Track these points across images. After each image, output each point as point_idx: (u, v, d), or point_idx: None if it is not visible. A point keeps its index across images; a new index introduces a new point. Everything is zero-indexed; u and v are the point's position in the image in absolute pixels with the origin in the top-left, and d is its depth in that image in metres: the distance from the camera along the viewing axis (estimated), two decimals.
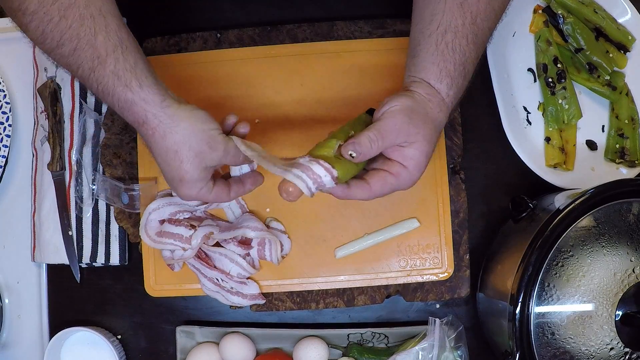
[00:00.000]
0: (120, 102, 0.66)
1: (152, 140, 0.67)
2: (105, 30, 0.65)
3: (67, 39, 0.64)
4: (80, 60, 0.65)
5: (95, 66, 0.65)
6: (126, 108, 0.66)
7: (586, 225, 0.74)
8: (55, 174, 0.90)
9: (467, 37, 0.67)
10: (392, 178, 0.67)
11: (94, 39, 0.64)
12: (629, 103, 0.94)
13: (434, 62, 0.68)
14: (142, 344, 0.92)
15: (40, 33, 0.64)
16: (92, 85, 0.66)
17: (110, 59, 0.65)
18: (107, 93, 0.66)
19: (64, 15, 0.63)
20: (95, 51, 0.64)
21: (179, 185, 0.69)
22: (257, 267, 0.86)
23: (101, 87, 0.66)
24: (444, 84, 0.68)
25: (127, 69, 0.65)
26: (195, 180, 0.69)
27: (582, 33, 0.92)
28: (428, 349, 0.82)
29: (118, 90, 0.65)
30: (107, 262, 0.90)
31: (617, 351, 0.72)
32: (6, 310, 0.93)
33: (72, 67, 0.66)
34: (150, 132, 0.67)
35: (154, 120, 0.66)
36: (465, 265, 0.87)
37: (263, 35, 0.91)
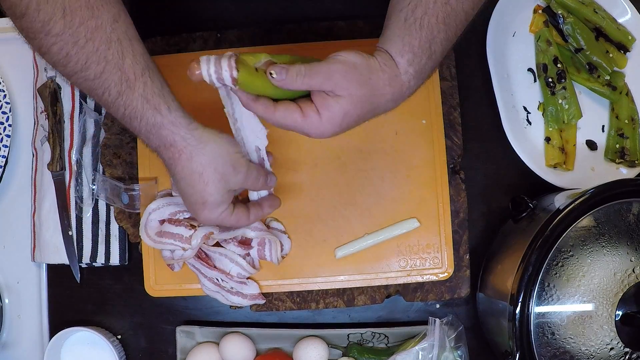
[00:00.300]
0: (149, 126, 0.65)
1: (177, 163, 0.67)
2: (132, 54, 0.64)
3: (94, 62, 0.63)
4: (107, 84, 0.64)
5: (123, 90, 0.64)
6: (154, 132, 0.66)
7: (586, 225, 0.74)
8: (55, 174, 0.90)
9: (437, 16, 0.66)
10: (299, 115, 0.65)
11: (121, 62, 0.63)
12: (629, 103, 0.94)
13: (399, 35, 0.67)
14: (142, 344, 0.92)
15: (64, 55, 0.62)
16: (118, 110, 0.65)
17: (139, 82, 0.64)
18: (135, 117, 0.65)
19: (90, 37, 0.62)
20: (123, 74, 0.63)
21: (202, 208, 0.69)
22: (257, 267, 0.86)
23: (128, 111, 0.65)
24: (405, 58, 0.66)
25: (156, 93, 0.65)
26: (218, 204, 0.69)
27: (582, 33, 0.92)
28: (428, 349, 0.82)
29: (147, 114, 0.65)
30: (107, 262, 0.90)
31: (617, 351, 0.72)
32: (6, 310, 0.93)
33: (97, 90, 0.64)
34: (177, 154, 0.66)
35: (181, 143, 0.66)
36: (465, 265, 0.87)
37: (263, 35, 0.91)
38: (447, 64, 0.89)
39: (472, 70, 0.93)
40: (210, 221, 0.71)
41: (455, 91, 0.89)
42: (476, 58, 0.93)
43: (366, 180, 0.87)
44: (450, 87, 0.89)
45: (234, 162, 0.68)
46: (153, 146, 0.68)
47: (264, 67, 0.63)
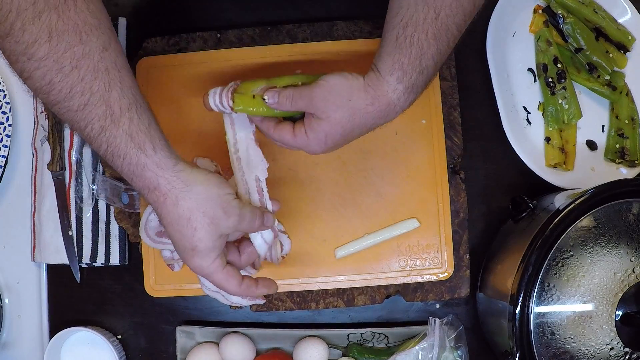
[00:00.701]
0: (132, 166, 0.62)
1: (162, 208, 0.63)
2: (119, 86, 0.60)
3: (78, 92, 0.58)
4: (91, 117, 0.59)
5: (107, 125, 0.60)
6: (137, 173, 0.62)
7: (586, 225, 0.74)
8: (55, 174, 0.90)
9: (427, 32, 0.67)
10: (290, 135, 0.70)
11: (107, 95, 0.59)
12: (629, 103, 0.94)
13: (390, 54, 0.68)
14: (142, 344, 0.92)
15: (47, 83, 0.58)
16: (100, 146, 0.61)
17: (125, 118, 0.60)
18: (118, 155, 0.61)
19: (76, 65, 0.58)
20: (108, 108, 0.60)
21: (191, 256, 0.64)
22: (257, 267, 0.86)
23: (111, 148, 0.61)
24: (394, 76, 0.68)
25: (142, 130, 0.61)
26: (209, 250, 0.64)
27: (582, 33, 0.92)
28: (428, 349, 0.82)
29: (130, 154, 0.61)
30: (107, 262, 0.90)
31: (617, 351, 0.72)
32: (6, 310, 0.93)
33: (80, 123, 0.60)
34: (161, 199, 0.63)
35: (165, 186, 0.62)
36: (465, 265, 0.87)
37: (263, 35, 0.91)
38: (447, 64, 0.89)
39: (472, 70, 0.93)
40: (201, 270, 0.66)
41: (455, 91, 0.89)
42: (476, 58, 0.93)
43: (366, 180, 0.87)
44: (450, 87, 0.89)
45: (224, 204, 0.64)
46: (137, 188, 0.64)
47: (261, 92, 0.69)
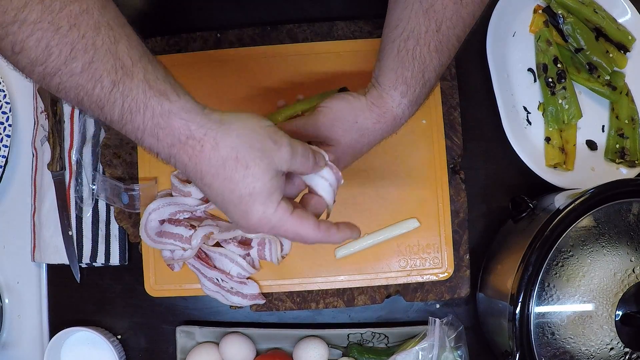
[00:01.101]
0: (155, 118, 0.53)
1: (201, 159, 0.54)
2: (127, 39, 0.54)
3: (80, 50, 0.52)
4: (99, 74, 0.52)
5: (119, 78, 0.53)
6: (162, 125, 0.53)
7: (586, 225, 0.74)
8: (55, 174, 0.90)
9: (430, 45, 0.67)
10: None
11: (114, 47, 0.53)
12: (629, 103, 0.94)
13: (392, 69, 0.68)
14: (142, 344, 0.92)
15: (44, 48, 0.51)
16: (114, 105, 0.53)
17: (138, 68, 0.53)
18: (137, 110, 0.53)
19: (74, 23, 0.51)
20: (117, 61, 0.53)
21: (251, 204, 0.54)
22: (257, 267, 0.86)
23: (128, 102, 0.53)
24: (398, 91, 0.68)
25: (159, 78, 0.54)
26: (270, 191, 0.54)
27: (582, 33, 0.92)
28: (428, 349, 0.82)
29: (152, 103, 0.53)
30: (107, 262, 0.90)
31: (617, 351, 0.72)
32: (6, 310, 0.93)
33: (87, 86, 0.53)
34: (198, 147, 0.54)
35: (199, 131, 0.53)
36: (465, 265, 0.87)
37: (263, 35, 0.91)
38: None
39: (472, 70, 0.93)
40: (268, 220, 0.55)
41: (455, 91, 0.89)
42: (476, 58, 0.93)
43: (366, 180, 0.87)
44: (450, 87, 0.89)
45: (271, 134, 0.55)
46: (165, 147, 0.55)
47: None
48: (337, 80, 0.88)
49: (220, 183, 0.54)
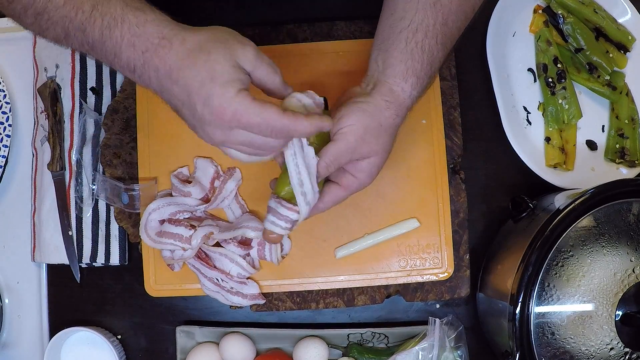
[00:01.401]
0: (132, 27, 0.58)
1: (170, 54, 0.58)
2: None
3: None
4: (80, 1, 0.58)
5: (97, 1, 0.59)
6: (138, 33, 0.58)
7: (586, 225, 0.74)
8: (55, 174, 0.90)
9: (437, 38, 0.68)
10: (342, 191, 0.70)
11: None
12: (629, 103, 0.94)
13: (402, 60, 0.68)
14: (142, 344, 0.92)
15: None
16: (94, 24, 0.59)
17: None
18: (116, 24, 0.58)
19: None
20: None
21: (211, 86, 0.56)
22: (257, 267, 0.86)
23: (107, 20, 0.58)
24: (409, 83, 0.68)
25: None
26: (230, 77, 0.57)
27: (582, 33, 0.92)
28: (428, 349, 0.82)
29: (129, 16, 0.58)
30: (107, 262, 0.90)
31: (617, 351, 0.72)
32: (6, 310, 0.93)
33: (70, 14, 0.59)
34: (168, 45, 0.58)
35: (171, 33, 0.58)
36: (465, 265, 0.87)
37: (263, 35, 0.91)
38: (447, 64, 0.89)
39: (472, 70, 0.93)
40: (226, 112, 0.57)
41: (455, 91, 0.89)
42: (476, 58, 0.93)
43: None
44: (450, 87, 0.89)
45: (237, 37, 0.60)
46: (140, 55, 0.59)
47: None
48: (337, 80, 0.88)
49: (184, 73, 0.57)
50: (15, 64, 0.96)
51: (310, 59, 0.89)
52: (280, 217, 0.68)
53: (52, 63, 0.92)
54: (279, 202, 0.68)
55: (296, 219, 0.68)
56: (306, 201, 0.67)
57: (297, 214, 0.68)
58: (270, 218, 0.69)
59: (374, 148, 0.68)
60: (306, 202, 0.67)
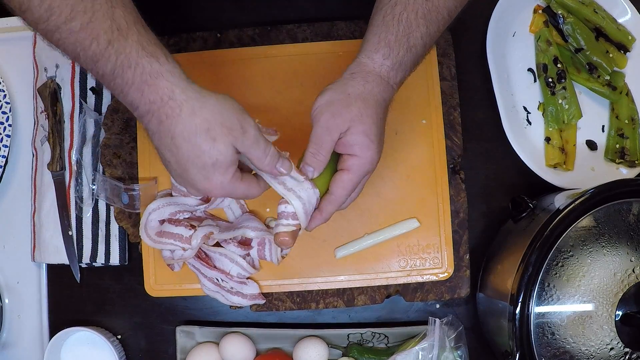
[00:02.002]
0: (144, 75, 0.59)
1: (177, 121, 0.60)
2: (122, 5, 0.60)
3: (80, 12, 0.58)
4: (96, 32, 0.58)
5: (114, 38, 0.58)
6: (150, 82, 0.59)
7: (586, 225, 0.74)
8: (55, 174, 0.90)
9: (417, 12, 0.67)
10: (346, 174, 0.69)
11: (111, 11, 0.59)
12: (629, 103, 0.94)
13: (376, 33, 0.68)
14: (142, 344, 0.92)
15: (46, 9, 0.57)
16: (108, 60, 0.59)
17: (133, 31, 0.59)
18: (128, 66, 0.59)
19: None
20: (114, 23, 0.59)
21: (212, 171, 0.62)
22: (257, 267, 0.86)
23: (121, 59, 0.59)
24: (380, 53, 0.67)
25: (152, 42, 0.60)
26: (229, 164, 0.62)
27: (582, 33, 0.92)
28: (428, 349, 0.82)
29: (143, 62, 0.59)
30: (107, 262, 0.90)
31: (617, 351, 0.72)
32: (6, 310, 0.93)
33: (84, 42, 0.58)
34: (177, 110, 0.60)
35: (181, 95, 0.60)
36: (465, 265, 0.87)
37: (263, 35, 0.91)
38: (447, 64, 0.89)
39: (472, 70, 0.93)
40: (222, 188, 0.63)
41: (455, 91, 0.89)
42: (476, 58, 0.93)
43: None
44: (450, 87, 0.89)
45: (240, 118, 0.62)
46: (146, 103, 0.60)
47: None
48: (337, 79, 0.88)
49: (189, 147, 0.61)
50: (15, 64, 0.96)
51: (310, 59, 0.89)
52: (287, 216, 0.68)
53: (52, 63, 0.92)
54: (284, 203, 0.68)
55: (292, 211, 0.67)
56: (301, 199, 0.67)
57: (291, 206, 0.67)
58: (279, 222, 0.68)
59: (347, 117, 0.66)
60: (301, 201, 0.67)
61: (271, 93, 0.89)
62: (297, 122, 0.87)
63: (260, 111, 0.88)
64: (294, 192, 0.67)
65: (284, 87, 0.89)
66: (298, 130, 0.87)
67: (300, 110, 0.88)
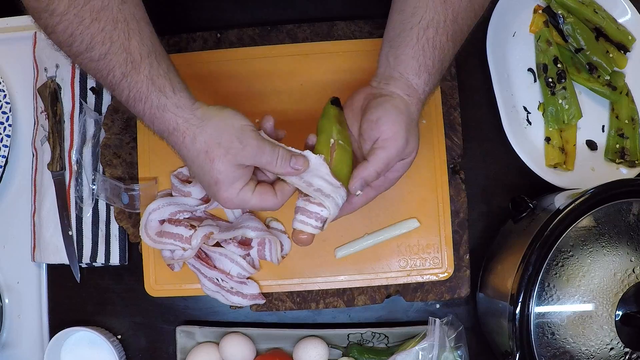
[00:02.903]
0: (153, 109, 0.65)
1: (183, 147, 0.65)
2: (139, 35, 0.63)
3: (99, 42, 0.62)
4: (112, 65, 0.63)
5: (128, 71, 0.63)
6: (158, 115, 0.65)
7: (586, 225, 0.74)
8: (55, 174, 0.90)
9: (448, 35, 0.68)
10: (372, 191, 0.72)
11: (127, 43, 0.63)
12: (629, 103, 0.94)
13: (414, 57, 0.68)
14: (142, 344, 0.92)
15: (69, 35, 0.62)
16: (122, 92, 0.64)
17: (145, 63, 0.63)
18: (140, 99, 0.64)
19: (96, 17, 0.61)
20: (129, 55, 0.63)
21: (216, 189, 0.66)
22: (257, 267, 0.86)
23: (133, 93, 0.64)
24: (422, 79, 0.68)
25: (161, 75, 0.64)
26: (231, 181, 0.65)
27: (582, 33, 0.92)
28: (428, 349, 0.82)
29: (152, 97, 0.64)
30: (107, 262, 0.90)
31: (617, 351, 0.72)
32: (6, 310, 0.93)
33: (102, 72, 0.64)
34: (180, 138, 0.65)
35: (184, 125, 0.65)
36: (465, 265, 0.87)
37: (263, 35, 0.91)
38: None
39: (472, 70, 0.93)
40: (232, 202, 0.66)
41: (455, 91, 0.89)
42: (476, 58, 0.93)
43: None
44: (450, 87, 0.89)
45: (239, 134, 0.64)
46: (158, 131, 0.66)
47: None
48: (337, 79, 0.88)
49: (196, 168, 0.66)
50: (15, 64, 0.96)
51: (310, 59, 0.89)
52: (310, 215, 0.67)
53: (52, 63, 0.92)
54: (307, 199, 0.67)
55: (327, 215, 0.67)
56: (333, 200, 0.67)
57: (326, 210, 0.67)
58: (299, 217, 0.68)
59: (412, 146, 0.69)
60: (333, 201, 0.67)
61: (271, 93, 0.89)
62: (297, 122, 0.87)
63: (261, 111, 0.88)
64: (333, 199, 0.67)
65: (284, 87, 0.89)
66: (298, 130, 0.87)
67: (300, 109, 0.88)
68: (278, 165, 0.66)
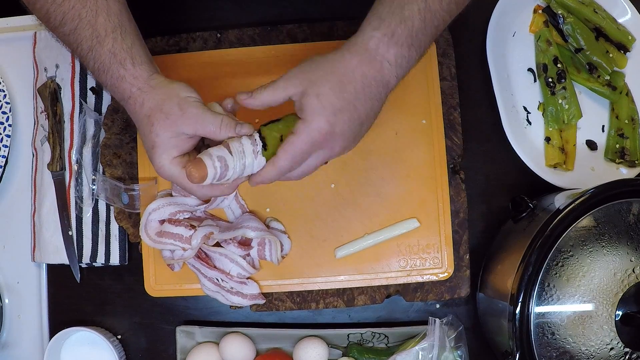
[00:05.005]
0: (113, 79, 0.69)
1: (134, 114, 0.70)
2: (106, 12, 0.69)
3: (69, 19, 0.68)
4: (80, 39, 0.69)
5: (93, 45, 0.68)
6: (117, 85, 0.69)
7: (586, 225, 0.74)
8: (55, 174, 0.90)
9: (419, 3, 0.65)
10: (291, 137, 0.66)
11: (94, 20, 0.68)
12: (629, 103, 0.94)
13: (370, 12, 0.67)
14: (142, 344, 0.92)
15: (45, 12, 0.68)
16: (89, 63, 0.70)
17: (109, 39, 0.68)
18: (103, 70, 0.69)
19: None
20: (94, 31, 0.68)
21: (152, 154, 0.69)
22: (257, 267, 0.86)
23: (97, 64, 0.69)
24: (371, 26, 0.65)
25: (124, 49, 0.69)
26: (167, 147, 0.68)
27: (582, 33, 0.92)
28: (428, 349, 0.82)
29: (113, 68, 0.69)
30: (107, 262, 0.90)
31: (617, 351, 0.72)
32: (6, 310, 0.93)
33: (72, 45, 0.70)
34: (132, 105, 0.69)
35: (136, 92, 0.69)
36: (465, 265, 0.87)
37: (263, 35, 0.91)
38: (447, 64, 0.89)
39: (472, 70, 0.93)
40: (164, 171, 0.69)
41: (455, 91, 0.89)
42: (476, 58, 0.93)
43: (366, 180, 0.87)
44: (450, 87, 0.89)
45: (181, 103, 0.67)
46: (118, 99, 0.71)
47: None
48: None
49: (141, 133, 0.70)
50: (15, 64, 0.96)
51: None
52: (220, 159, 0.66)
53: (52, 63, 0.92)
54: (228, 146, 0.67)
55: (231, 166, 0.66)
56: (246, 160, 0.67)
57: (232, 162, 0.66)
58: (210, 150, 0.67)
59: (307, 76, 0.66)
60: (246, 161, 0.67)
61: None
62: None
63: (261, 111, 0.88)
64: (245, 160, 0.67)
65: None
66: None
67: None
68: (222, 132, 0.67)
